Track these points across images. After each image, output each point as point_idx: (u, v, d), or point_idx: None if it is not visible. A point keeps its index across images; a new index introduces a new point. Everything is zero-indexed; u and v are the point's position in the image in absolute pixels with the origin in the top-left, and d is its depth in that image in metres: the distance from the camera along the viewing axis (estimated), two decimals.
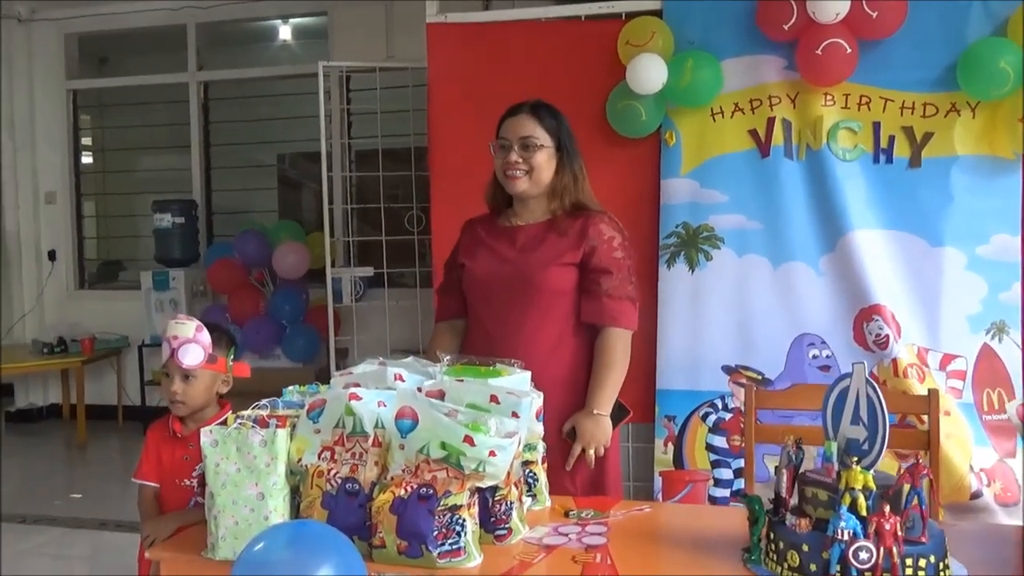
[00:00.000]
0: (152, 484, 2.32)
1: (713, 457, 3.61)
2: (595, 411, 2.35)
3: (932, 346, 3.42)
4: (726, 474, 3.59)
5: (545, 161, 2.41)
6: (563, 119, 2.47)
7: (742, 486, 3.53)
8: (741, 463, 3.56)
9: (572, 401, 2.38)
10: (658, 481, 3.64)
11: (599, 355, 2.39)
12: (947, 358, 3.41)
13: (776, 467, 1.77)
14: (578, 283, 2.40)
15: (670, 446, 3.65)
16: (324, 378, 5.41)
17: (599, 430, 2.35)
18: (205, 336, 2.20)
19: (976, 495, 3.28)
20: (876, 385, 1.70)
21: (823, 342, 3.50)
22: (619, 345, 2.39)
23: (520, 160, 2.39)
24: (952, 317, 3.42)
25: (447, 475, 1.70)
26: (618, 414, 2.41)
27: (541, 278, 2.37)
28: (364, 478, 1.75)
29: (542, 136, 2.40)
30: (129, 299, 6.54)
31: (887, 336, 3.37)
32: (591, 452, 2.35)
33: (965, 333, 3.41)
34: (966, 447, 3.31)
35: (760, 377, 3.54)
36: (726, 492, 3.58)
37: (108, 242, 7.60)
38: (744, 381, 3.55)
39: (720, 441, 3.60)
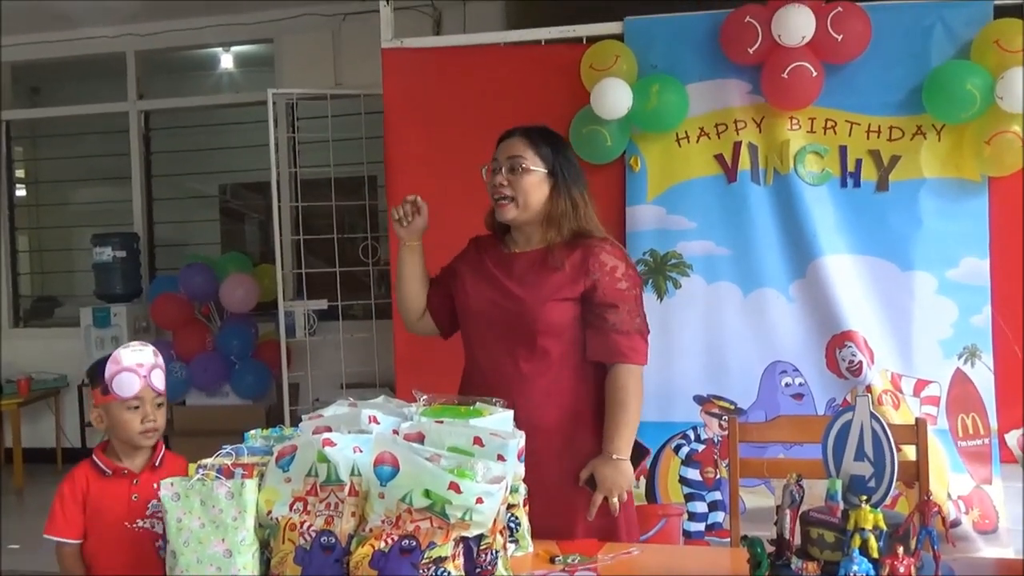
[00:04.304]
0: (73, 541, 2.13)
1: (687, 490, 3.51)
2: (615, 456, 2.22)
3: (905, 372, 3.39)
4: (700, 507, 3.50)
5: (533, 186, 2.28)
6: (562, 145, 2.37)
7: (718, 520, 3.45)
8: (716, 496, 3.48)
9: (580, 443, 2.26)
10: None
11: (613, 395, 2.26)
12: (921, 384, 3.38)
13: (777, 506, 1.69)
14: (580, 317, 2.28)
15: (642, 479, 3.55)
16: (275, 415, 5.36)
17: (621, 476, 2.22)
18: (161, 359, 2.15)
19: (955, 523, 3.24)
20: (881, 418, 1.63)
21: (796, 369, 3.44)
22: (632, 383, 2.26)
23: (506, 183, 2.28)
24: (924, 342, 3.39)
25: (431, 525, 1.58)
26: (637, 454, 2.30)
27: (539, 314, 2.24)
28: (340, 530, 1.63)
29: (532, 159, 2.28)
30: (67, 337, 6.32)
31: (860, 362, 3.32)
32: (615, 500, 2.21)
33: (938, 358, 3.38)
34: (942, 474, 3.26)
35: (733, 407, 3.47)
36: (700, 526, 3.49)
37: (43, 277, 7.37)
38: (716, 411, 3.48)
39: (693, 473, 3.51)
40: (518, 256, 2.34)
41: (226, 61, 6.98)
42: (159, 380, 2.13)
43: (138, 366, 2.09)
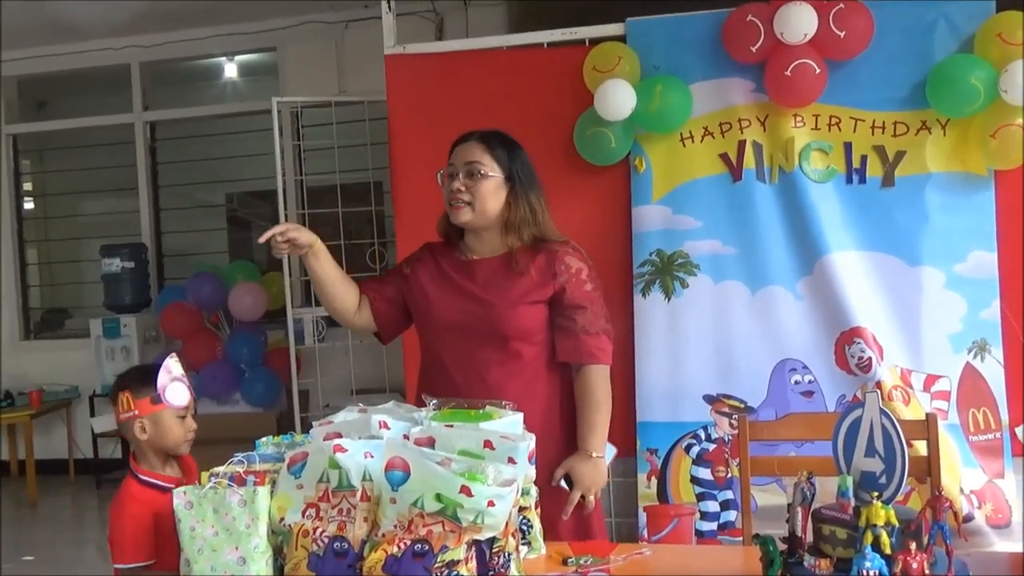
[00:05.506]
0: (150, 562, 2.08)
1: (698, 490, 3.51)
2: (593, 454, 2.26)
3: (915, 367, 3.38)
4: (712, 507, 3.50)
5: (490, 192, 2.28)
6: (519, 150, 2.35)
7: (730, 519, 3.45)
8: (727, 495, 3.48)
9: (551, 444, 2.26)
10: (642, 517, 3.54)
11: (585, 395, 2.30)
12: (931, 379, 3.37)
13: (789, 504, 1.69)
14: (549, 320, 2.30)
15: (653, 480, 3.55)
16: (286, 422, 5.37)
17: (597, 474, 2.26)
18: None
19: (968, 518, 3.23)
20: (891, 414, 1.63)
21: (805, 367, 3.44)
22: (602, 382, 2.30)
23: (463, 189, 2.27)
24: (933, 337, 3.38)
25: (443, 529, 1.58)
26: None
27: (510, 318, 2.26)
28: (353, 536, 1.63)
29: (489, 164, 2.28)
30: (78, 348, 6.36)
31: (870, 359, 3.32)
32: (591, 497, 2.25)
33: (947, 353, 3.37)
34: (954, 469, 3.25)
35: (743, 405, 3.47)
36: (713, 525, 3.48)
37: (52, 290, 7.40)
38: (726, 410, 3.48)
39: (705, 473, 3.51)
40: (479, 262, 2.34)
41: (230, 71, 7.00)
42: (191, 389, 2.22)
43: (183, 376, 2.17)
